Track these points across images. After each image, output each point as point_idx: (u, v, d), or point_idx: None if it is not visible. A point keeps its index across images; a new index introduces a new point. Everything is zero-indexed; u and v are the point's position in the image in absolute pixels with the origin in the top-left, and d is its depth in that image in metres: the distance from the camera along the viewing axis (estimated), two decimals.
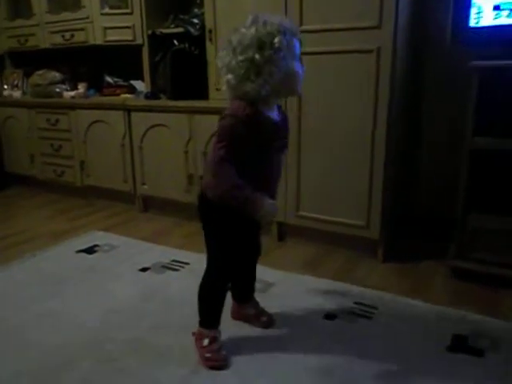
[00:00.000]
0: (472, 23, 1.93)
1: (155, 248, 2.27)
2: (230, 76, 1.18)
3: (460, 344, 1.44)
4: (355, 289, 1.81)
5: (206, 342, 1.35)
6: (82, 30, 2.82)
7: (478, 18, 1.91)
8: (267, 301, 1.68)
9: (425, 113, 2.27)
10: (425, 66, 2.21)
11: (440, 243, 2.06)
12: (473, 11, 1.92)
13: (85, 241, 2.36)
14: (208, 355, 1.33)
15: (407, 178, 2.32)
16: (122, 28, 2.71)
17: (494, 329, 1.51)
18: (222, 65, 1.20)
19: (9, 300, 1.77)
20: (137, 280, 1.92)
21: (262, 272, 1.92)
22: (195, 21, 2.48)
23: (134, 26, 2.69)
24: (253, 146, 1.19)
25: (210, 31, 2.35)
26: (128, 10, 2.68)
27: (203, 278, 1.36)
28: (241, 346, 1.44)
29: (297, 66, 1.20)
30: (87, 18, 2.79)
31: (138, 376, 1.32)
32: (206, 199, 1.27)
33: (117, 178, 2.84)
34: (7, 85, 3.43)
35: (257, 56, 1.13)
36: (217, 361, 1.33)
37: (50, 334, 1.53)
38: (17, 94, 3.35)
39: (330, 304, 1.69)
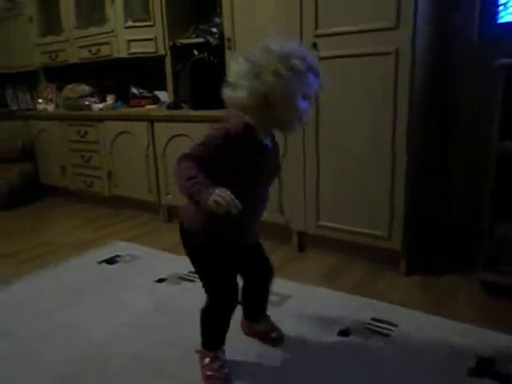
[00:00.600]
0: (500, 19, 1.82)
1: (175, 259, 2.25)
2: (229, 78, 1.14)
3: (485, 368, 1.32)
4: (374, 303, 1.72)
5: (207, 360, 1.32)
6: (107, 43, 2.89)
7: (507, 13, 1.80)
8: (281, 315, 1.63)
9: (452, 116, 2.14)
10: (450, 66, 2.09)
11: (467, 255, 1.93)
12: (501, 7, 1.80)
13: (107, 251, 2.38)
14: (209, 373, 1.30)
15: (432, 185, 2.19)
16: (144, 40, 2.75)
17: None
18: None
19: (26, 310, 1.80)
20: (152, 291, 1.91)
21: (278, 284, 1.85)
22: (214, 30, 2.47)
23: (156, 37, 2.73)
24: (236, 167, 1.14)
25: (229, 40, 2.34)
26: (150, 23, 2.72)
27: (204, 305, 1.31)
28: (247, 363, 1.40)
29: (301, 103, 1.14)
30: (112, 31, 2.86)
31: None
32: (185, 231, 1.25)
33: (142, 188, 2.88)
34: (42, 99, 3.56)
35: (263, 61, 1.09)
36: (217, 379, 1.29)
37: (62, 347, 1.54)
38: (50, 107, 3.47)
39: (345, 319, 1.61)
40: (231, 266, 1.28)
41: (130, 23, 2.80)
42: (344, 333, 1.53)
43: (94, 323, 1.68)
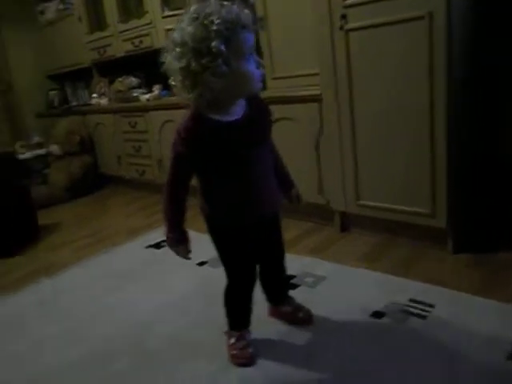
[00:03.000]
0: None
1: None
2: (172, 81, 1.11)
3: None
4: (415, 284, 1.64)
5: (232, 340, 1.35)
6: (147, 35, 2.96)
7: None
8: (314, 296, 1.63)
9: (500, 84, 1.93)
10: (496, 26, 1.89)
11: None
12: None
13: (156, 236, 2.47)
14: (234, 352, 1.33)
15: (484, 152, 2.00)
16: None
17: None
18: (165, 66, 1.10)
19: (79, 294, 1.94)
20: (193, 275, 1.96)
21: (315, 265, 1.87)
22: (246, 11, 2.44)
23: None
24: (210, 157, 1.14)
25: (262, 19, 2.31)
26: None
27: (225, 287, 1.35)
28: (274, 343, 1.41)
29: (245, 65, 1.07)
30: (150, 23, 2.91)
31: (168, 370, 1.37)
32: (205, 215, 1.31)
33: None
34: (95, 93, 3.74)
35: (193, 64, 1.03)
36: (242, 358, 1.32)
37: (103, 327, 1.65)
38: (104, 101, 3.64)
39: (381, 301, 1.56)
40: (246, 245, 1.29)
41: (167, 12, 2.83)
42: (378, 314, 1.48)
43: (138, 305, 1.77)
